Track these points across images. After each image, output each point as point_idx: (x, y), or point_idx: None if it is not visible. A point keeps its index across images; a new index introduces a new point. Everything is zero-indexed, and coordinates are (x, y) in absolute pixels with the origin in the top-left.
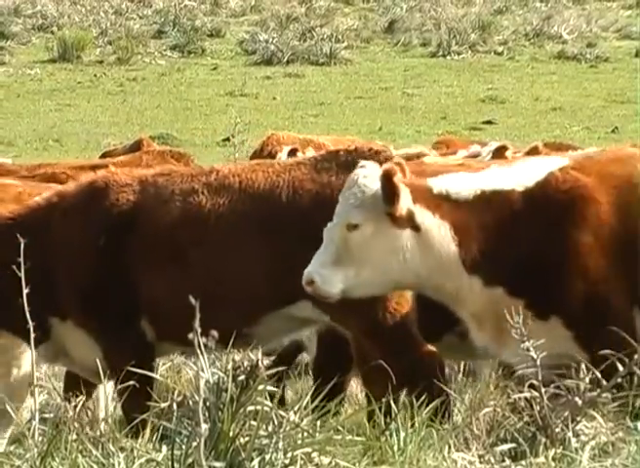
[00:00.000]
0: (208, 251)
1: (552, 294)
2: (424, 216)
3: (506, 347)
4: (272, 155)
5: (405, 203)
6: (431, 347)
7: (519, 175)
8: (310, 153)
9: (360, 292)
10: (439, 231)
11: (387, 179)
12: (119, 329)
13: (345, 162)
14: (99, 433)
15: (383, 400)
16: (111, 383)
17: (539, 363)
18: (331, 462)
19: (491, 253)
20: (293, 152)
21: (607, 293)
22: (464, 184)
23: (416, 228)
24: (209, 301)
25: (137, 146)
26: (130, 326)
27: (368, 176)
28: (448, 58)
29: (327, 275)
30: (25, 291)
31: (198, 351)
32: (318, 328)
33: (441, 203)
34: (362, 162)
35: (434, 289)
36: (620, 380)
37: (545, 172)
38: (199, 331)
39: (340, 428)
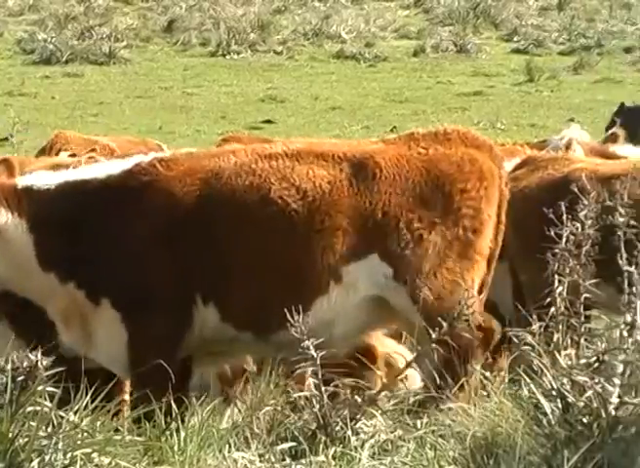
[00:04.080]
0: None
1: (106, 282)
2: (2, 217)
3: (94, 347)
4: (59, 154)
5: None
6: None
7: (111, 165)
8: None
9: None
10: (16, 230)
11: None
12: None
13: None
14: None
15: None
16: None
17: (319, 362)
18: (111, 462)
19: (63, 246)
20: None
21: (159, 282)
22: (54, 177)
23: None
24: None
25: None
26: None
27: None
28: (227, 57)
29: None
30: None
31: None
32: None
33: (22, 199)
34: None
35: (21, 289)
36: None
37: (133, 162)
38: None
39: (120, 428)
